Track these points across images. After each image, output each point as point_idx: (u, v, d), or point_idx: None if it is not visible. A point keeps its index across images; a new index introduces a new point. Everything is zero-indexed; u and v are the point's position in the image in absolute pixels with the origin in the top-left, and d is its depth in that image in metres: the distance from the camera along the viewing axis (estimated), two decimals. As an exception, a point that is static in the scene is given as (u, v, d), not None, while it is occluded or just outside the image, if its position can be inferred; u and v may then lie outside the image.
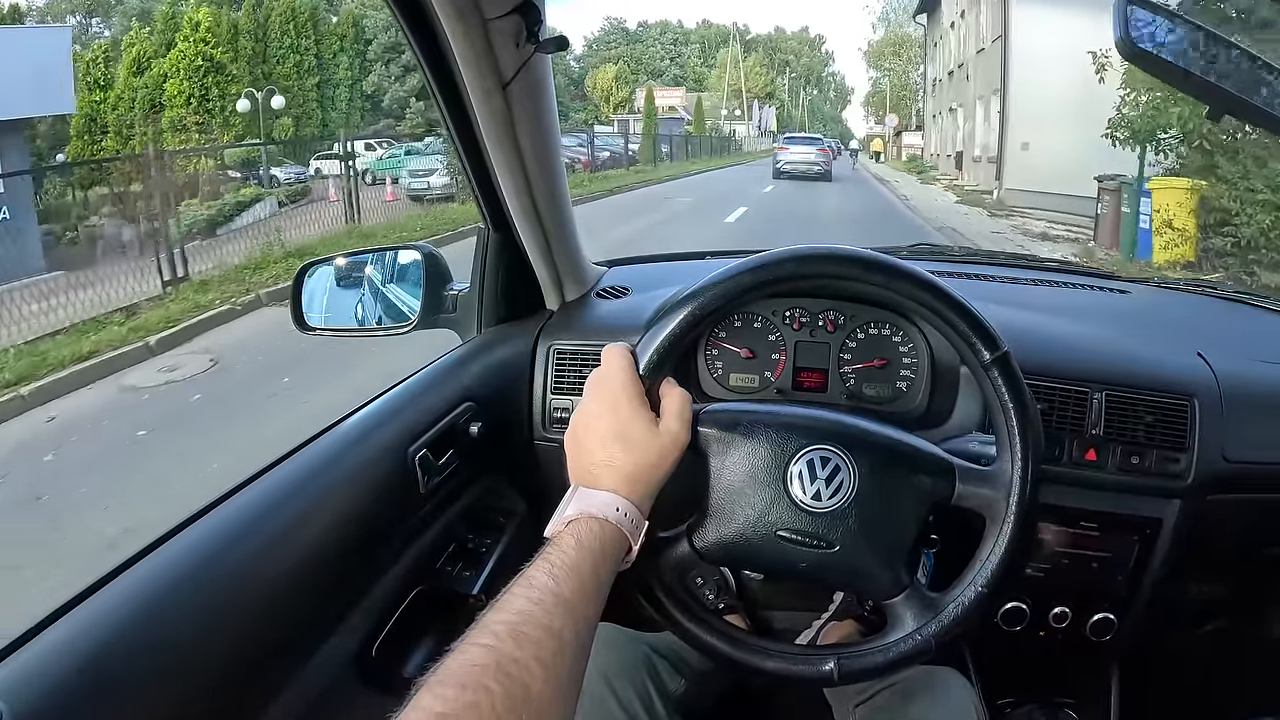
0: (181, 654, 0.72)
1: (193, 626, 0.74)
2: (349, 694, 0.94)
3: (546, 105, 1.15)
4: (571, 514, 0.77)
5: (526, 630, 0.62)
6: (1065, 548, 1.28)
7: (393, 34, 35.69)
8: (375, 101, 38.07)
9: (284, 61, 34.48)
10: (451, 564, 1.12)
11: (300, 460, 0.96)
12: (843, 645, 0.93)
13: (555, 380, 1.34)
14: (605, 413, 0.84)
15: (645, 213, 15.69)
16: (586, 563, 0.71)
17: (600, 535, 0.75)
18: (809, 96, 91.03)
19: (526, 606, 0.64)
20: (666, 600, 0.92)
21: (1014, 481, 0.88)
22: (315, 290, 1.44)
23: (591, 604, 0.70)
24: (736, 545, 0.89)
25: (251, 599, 0.80)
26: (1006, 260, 1.85)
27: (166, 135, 26.60)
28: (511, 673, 0.58)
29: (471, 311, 1.39)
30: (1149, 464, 1.21)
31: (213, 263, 10.37)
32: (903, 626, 0.90)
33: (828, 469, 0.88)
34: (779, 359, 1.34)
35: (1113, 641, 1.32)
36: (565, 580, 0.68)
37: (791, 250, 0.92)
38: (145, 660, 0.70)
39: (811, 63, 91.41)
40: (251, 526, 0.85)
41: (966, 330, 0.91)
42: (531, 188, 1.23)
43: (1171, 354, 1.32)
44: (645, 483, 0.81)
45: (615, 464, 0.81)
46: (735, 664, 0.92)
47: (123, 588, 0.74)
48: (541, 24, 1.00)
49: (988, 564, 0.89)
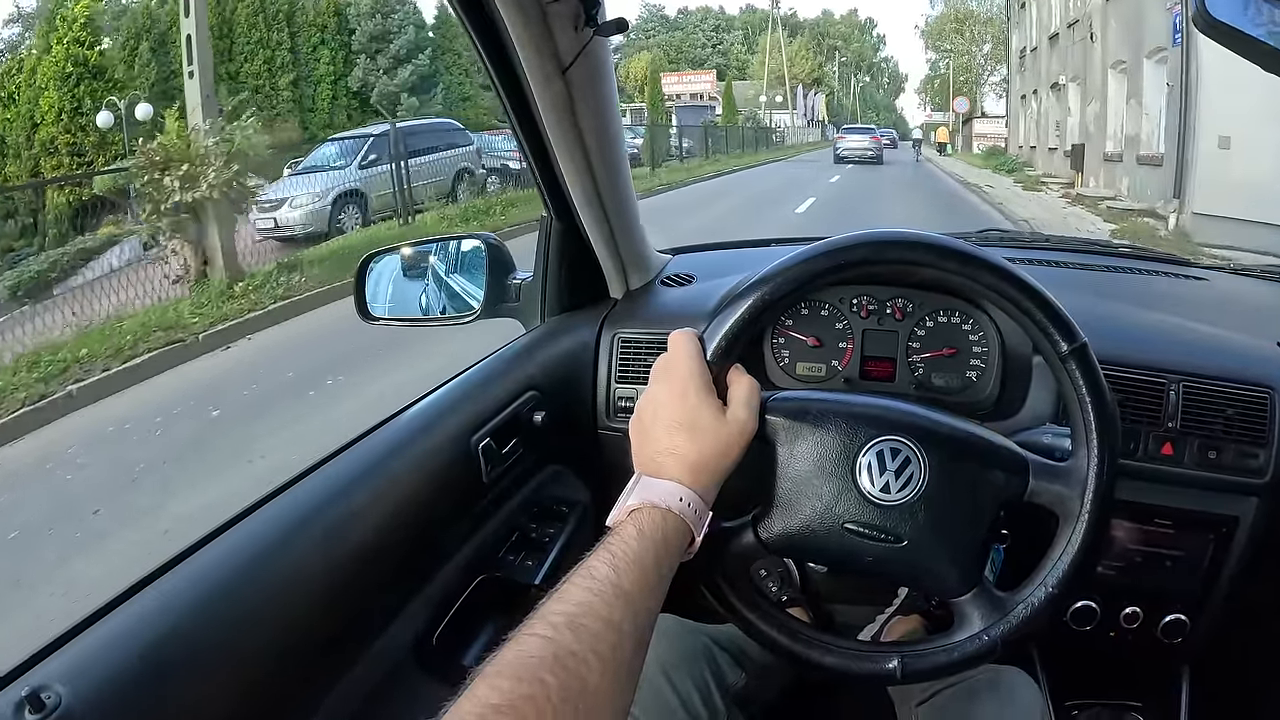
0: (241, 641, 0.73)
1: (252, 614, 0.75)
2: (409, 682, 0.94)
3: (607, 90, 1.14)
4: (634, 503, 0.75)
5: (585, 622, 0.61)
6: (1138, 545, 1.24)
7: (379, 21, 32.52)
8: (363, 99, 33.08)
9: (253, 58, 29.76)
10: (514, 553, 1.12)
11: (363, 449, 0.96)
12: (906, 643, 0.91)
13: (620, 369, 1.33)
14: (672, 400, 0.82)
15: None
16: (649, 554, 0.70)
17: (663, 525, 0.73)
18: (860, 84, 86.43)
19: (586, 597, 0.63)
20: (728, 591, 0.90)
21: (1089, 479, 0.85)
22: (378, 280, 1.45)
23: (652, 596, 0.69)
24: (802, 537, 0.87)
25: (312, 587, 0.81)
26: (1079, 246, 1.79)
27: (42, 158, 22.36)
28: (569, 665, 0.57)
29: (535, 300, 1.39)
30: (1227, 459, 1.16)
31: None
32: (969, 626, 0.87)
33: (898, 461, 0.85)
34: (846, 347, 1.31)
35: (1184, 644, 1.28)
36: (626, 571, 0.67)
37: (864, 235, 0.89)
38: (205, 647, 0.71)
39: (862, 48, 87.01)
40: (312, 515, 0.86)
41: (1044, 320, 0.87)
42: (594, 174, 1.23)
43: (1250, 344, 1.27)
44: (711, 472, 0.79)
45: (680, 452, 0.79)
46: (796, 658, 0.90)
47: (183, 576, 0.75)
48: (600, 6, 0.99)
49: (1059, 564, 0.85)
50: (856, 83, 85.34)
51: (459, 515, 1.05)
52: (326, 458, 0.94)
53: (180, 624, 0.70)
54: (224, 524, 0.82)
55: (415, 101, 32.92)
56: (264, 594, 0.77)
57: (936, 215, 14.50)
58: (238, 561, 0.78)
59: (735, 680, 1.12)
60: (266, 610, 0.76)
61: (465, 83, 35.04)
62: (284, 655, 0.76)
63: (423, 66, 33.62)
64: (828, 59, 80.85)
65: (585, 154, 1.19)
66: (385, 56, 32.99)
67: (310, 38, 31.88)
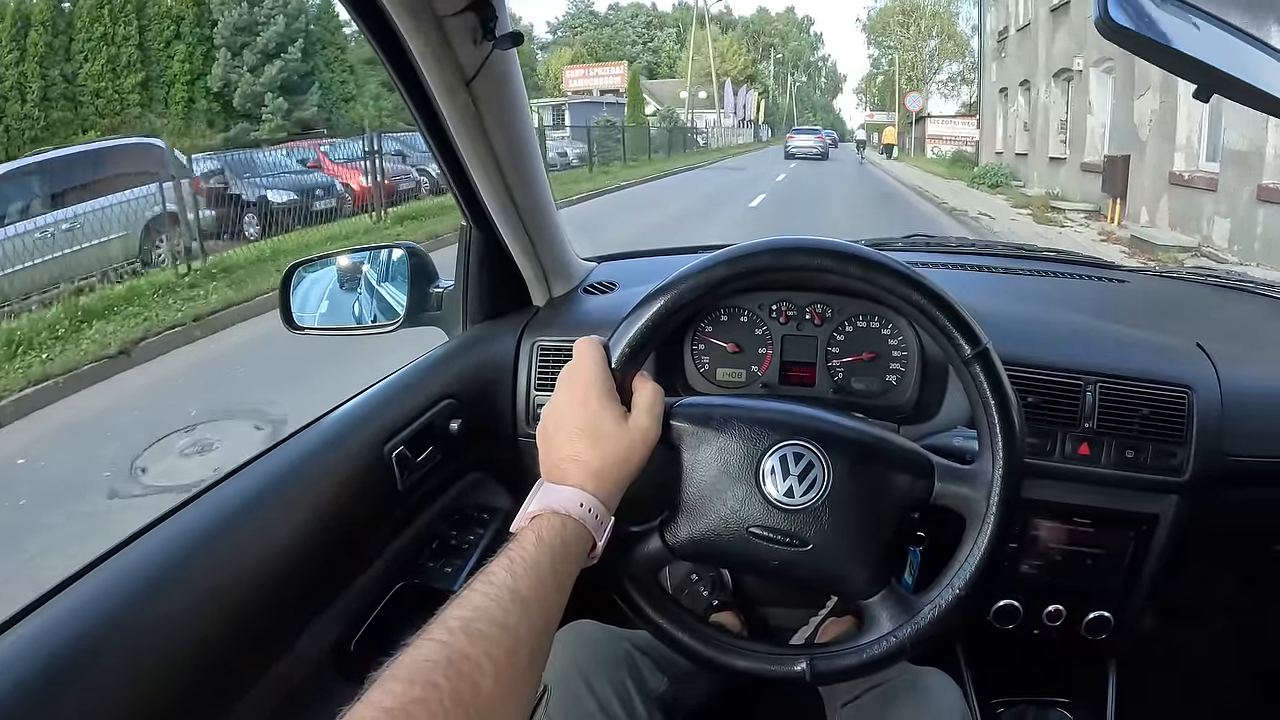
0: (154, 648, 0.73)
1: (165, 622, 0.75)
2: (328, 688, 0.94)
3: (514, 101, 1.15)
4: (535, 509, 0.77)
5: (480, 626, 0.61)
6: (1059, 544, 1.27)
7: (244, 10, 28.24)
8: (225, 100, 28.99)
9: (94, 58, 25.78)
10: (434, 560, 1.13)
11: (271, 460, 0.96)
12: (816, 645, 0.93)
13: (539, 377, 1.34)
14: (574, 407, 0.83)
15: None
16: (545, 559, 0.71)
17: (562, 531, 0.74)
18: (796, 83, 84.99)
19: (482, 602, 0.64)
20: (639, 596, 0.92)
21: (994, 481, 0.87)
22: (303, 290, 1.44)
23: (550, 601, 0.70)
24: (708, 541, 0.89)
25: (227, 594, 0.81)
26: (1003, 251, 1.82)
27: None
28: (462, 669, 0.58)
29: (457, 309, 1.39)
30: (1145, 458, 1.19)
31: None
32: (878, 627, 0.89)
33: (801, 465, 0.87)
34: (766, 353, 1.33)
35: (1109, 640, 1.31)
36: (523, 577, 0.67)
37: (767, 242, 0.91)
38: (116, 654, 0.70)
39: (800, 47, 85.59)
40: (225, 523, 0.85)
41: (947, 324, 0.88)
42: (508, 184, 1.23)
43: (1169, 344, 1.30)
44: (612, 478, 0.81)
45: (582, 459, 0.80)
46: (708, 662, 0.92)
47: (94, 584, 0.75)
48: (497, 19, 0.99)
49: (966, 565, 0.87)
50: (793, 82, 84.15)
51: (375, 524, 1.05)
52: (234, 470, 0.94)
53: (91, 632, 0.69)
54: (135, 533, 0.81)
55: (284, 103, 29.10)
56: (177, 601, 0.76)
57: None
58: (150, 569, 0.77)
59: (657, 685, 1.12)
60: (180, 617, 0.76)
61: (348, 81, 32.05)
62: (198, 661, 0.76)
63: (294, 62, 29.29)
64: (763, 56, 78.70)
65: (497, 164, 1.19)
66: (251, 51, 28.84)
67: (163, 31, 27.85)
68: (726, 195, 18.26)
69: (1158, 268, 1.84)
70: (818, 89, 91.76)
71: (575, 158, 24.95)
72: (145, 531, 0.81)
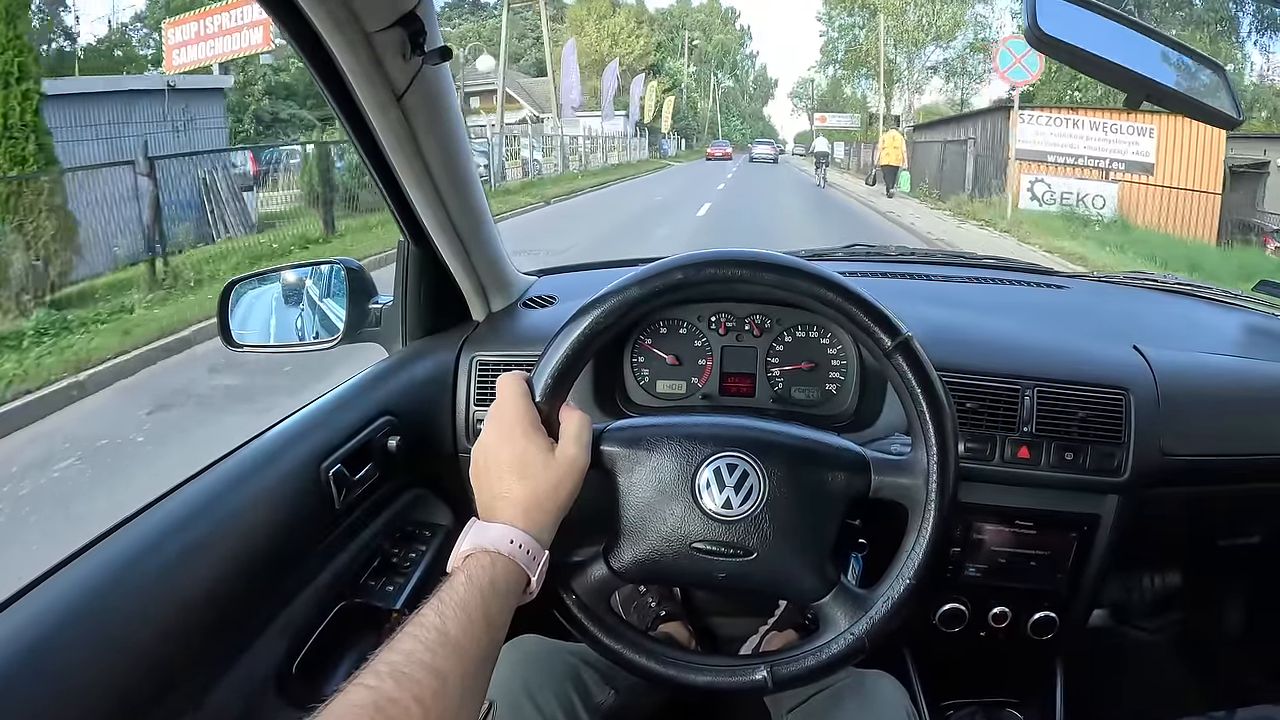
0: (81, 679, 0.71)
1: (97, 647, 0.73)
2: (269, 711, 0.93)
3: (447, 115, 1.15)
4: (467, 549, 0.77)
5: (408, 670, 0.63)
6: (1002, 547, 1.29)
7: None
8: None
9: None
10: (375, 579, 1.12)
11: (203, 483, 0.95)
12: (773, 652, 0.93)
13: (479, 392, 1.34)
14: (501, 443, 0.84)
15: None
16: (475, 599, 0.72)
17: (490, 570, 0.75)
18: (720, 85, 73.35)
19: (412, 645, 0.65)
20: (592, 625, 0.92)
21: (930, 468, 0.88)
22: (242, 307, 1.43)
23: (481, 640, 0.70)
24: (652, 562, 0.89)
25: (160, 618, 0.79)
26: (944, 259, 1.86)
27: None
28: (389, 712, 0.59)
29: (396, 325, 1.38)
30: (1084, 460, 1.22)
31: None
32: (835, 627, 0.89)
33: (735, 475, 0.88)
34: (705, 364, 1.34)
35: (1055, 640, 1.33)
36: (452, 618, 0.69)
37: (681, 258, 0.91)
38: (43, 682, 0.69)
39: (726, 40, 72.38)
40: (157, 546, 0.84)
41: (863, 319, 0.90)
42: (444, 199, 1.23)
43: (1106, 348, 1.32)
44: (543, 511, 0.81)
45: (511, 495, 0.81)
46: (670, 682, 0.92)
47: (18, 617, 0.73)
48: (426, 35, 1.00)
49: (913, 554, 0.88)
50: (717, 83, 72.67)
51: (312, 543, 1.05)
52: (166, 492, 0.92)
53: (14, 665, 0.68)
54: (56, 565, 0.79)
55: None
56: (106, 628, 0.75)
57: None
58: (77, 597, 0.76)
59: (603, 698, 1.12)
60: (110, 644, 0.74)
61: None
62: (129, 689, 0.74)
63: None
64: (681, 52, 63.96)
65: (432, 179, 1.19)
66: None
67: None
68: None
69: (1096, 273, 1.86)
70: (745, 94, 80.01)
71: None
72: (74, 557, 0.80)
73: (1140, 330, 1.39)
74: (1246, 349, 1.45)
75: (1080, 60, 0.87)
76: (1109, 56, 0.87)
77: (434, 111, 1.12)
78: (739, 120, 74.86)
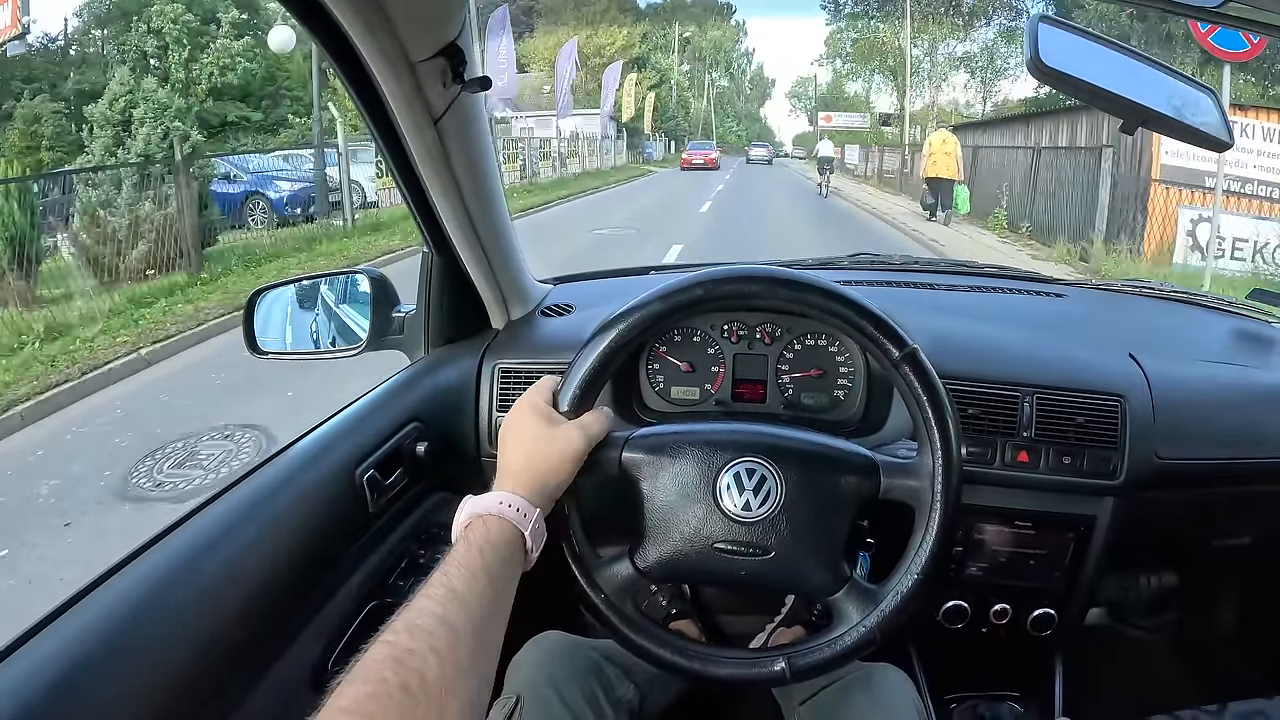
0: (134, 679, 0.75)
1: (145, 653, 0.77)
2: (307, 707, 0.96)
3: (479, 138, 1.19)
4: (463, 518, 0.84)
5: (420, 623, 0.69)
6: (1002, 547, 1.33)
7: None
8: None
9: None
10: (404, 579, 1.16)
11: (248, 488, 0.99)
12: (790, 645, 0.97)
13: (500, 398, 1.37)
14: (510, 428, 0.92)
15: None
16: (475, 557, 0.78)
17: (485, 531, 0.81)
18: (716, 87, 67.22)
19: (422, 603, 0.71)
20: (618, 621, 0.96)
21: (936, 470, 0.93)
22: (267, 315, 1.47)
23: (486, 594, 0.76)
24: (676, 561, 0.94)
25: (207, 620, 0.83)
26: (946, 268, 1.89)
27: None
28: (407, 663, 0.65)
29: (418, 333, 1.42)
30: (1081, 464, 1.26)
31: None
32: (848, 620, 0.94)
33: (754, 479, 0.93)
34: (719, 371, 1.38)
35: (1054, 635, 1.37)
36: (456, 575, 0.75)
37: (702, 275, 0.97)
38: (99, 685, 0.72)
39: (721, 37, 66.10)
40: (204, 553, 0.88)
41: (873, 332, 0.95)
42: (470, 214, 1.27)
43: (1103, 355, 1.36)
44: (535, 478, 0.88)
45: (507, 464, 0.89)
46: (693, 675, 0.97)
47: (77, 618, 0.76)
48: (466, 65, 1.04)
49: (921, 550, 0.93)
50: (710, 82, 66.18)
51: (346, 545, 1.08)
52: (212, 498, 0.96)
53: (65, 675, 0.70)
54: (117, 563, 0.83)
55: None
56: (154, 635, 0.78)
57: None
58: (126, 605, 0.79)
59: (625, 692, 1.16)
60: (157, 650, 0.78)
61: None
62: (182, 687, 0.78)
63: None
64: (674, 48, 59.37)
65: (460, 195, 1.23)
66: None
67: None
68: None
69: (1094, 281, 1.90)
70: (741, 94, 73.48)
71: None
72: (124, 565, 0.83)
73: (1136, 338, 1.43)
74: (1239, 355, 1.49)
75: (1081, 90, 0.90)
76: (1106, 85, 0.90)
77: (467, 134, 1.16)
78: (734, 121, 70.79)
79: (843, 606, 0.95)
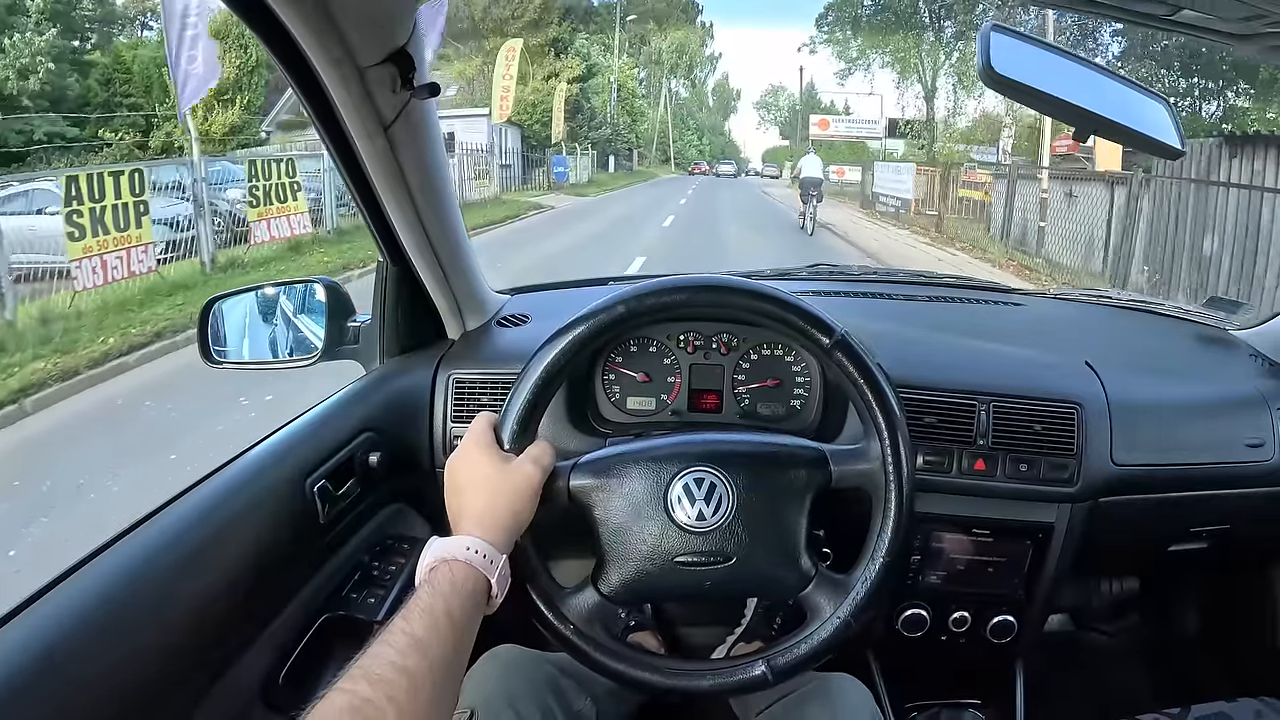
0: (79, 690, 0.73)
1: (90, 663, 0.75)
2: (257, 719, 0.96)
3: (430, 145, 1.19)
4: (429, 561, 0.83)
5: (379, 672, 0.68)
6: (961, 555, 1.34)
7: None
8: None
9: None
10: (357, 591, 1.14)
11: (195, 497, 0.97)
12: (766, 649, 0.97)
13: (455, 409, 1.36)
14: (460, 467, 0.92)
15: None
16: (439, 603, 0.77)
17: (450, 576, 0.80)
18: (675, 97, 59.58)
19: (381, 650, 0.70)
20: (591, 649, 0.96)
21: (885, 450, 0.94)
22: (222, 324, 1.44)
23: (447, 640, 0.75)
24: (639, 582, 0.94)
25: (154, 633, 0.82)
26: (905, 279, 1.90)
27: None
28: (365, 712, 0.64)
29: (374, 342, 1.41)
30: (1038, 471, 1.27)
31: None
32: (820, 613, 0.94)
33: (704, 488, 0.93)
34: (675, 382, 1.38)
35: (1014, 642, 1.38)
36: (418, 621, 0.74)
37: (623, 292, 0.97)
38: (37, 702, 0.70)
39: (685, 37, 57.50)
40: (151, 562, 0.86)
41: (802, 324, 0.96)
42: (424, 222, 1.26)
43: (1059, 363, 1.38)
44: (496, 518, 0.87)
45: (467, 507, 0.88)
46: (674, 691, 0.96)
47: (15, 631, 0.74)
48: (415, 71, 1.04)
49: (883, 534, 0.94)
50: (668, 91, 57.75)
51: (298, 557, 1.07)
52: (159, 507, 0.95)
53: (12, 681, 0.69)
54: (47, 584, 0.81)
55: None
56: (99, 646, 0.77)
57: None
58: (69, 616, 0.77)
59: (581, 706, 1.15)
60: (101, 661, 0.76)
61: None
62: (125, 701, 0.77)
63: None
64: (618, 34, 46.92)
65: (413, 203, 1.22)
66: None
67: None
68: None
69: (1053, 291, 1.92)
70: (704, 105, 66.46)
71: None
72: (69, 574, 0.82)
73: (1093, 346, 1.45)
74: (1195, 362, 1.52)
75: (1032, 98, 0.91)
76: (1058, 94, 0.90)
77: (419, 141, 1.16)
78: (696, 135, 63.12)
79: (814, 601, 0.95)
